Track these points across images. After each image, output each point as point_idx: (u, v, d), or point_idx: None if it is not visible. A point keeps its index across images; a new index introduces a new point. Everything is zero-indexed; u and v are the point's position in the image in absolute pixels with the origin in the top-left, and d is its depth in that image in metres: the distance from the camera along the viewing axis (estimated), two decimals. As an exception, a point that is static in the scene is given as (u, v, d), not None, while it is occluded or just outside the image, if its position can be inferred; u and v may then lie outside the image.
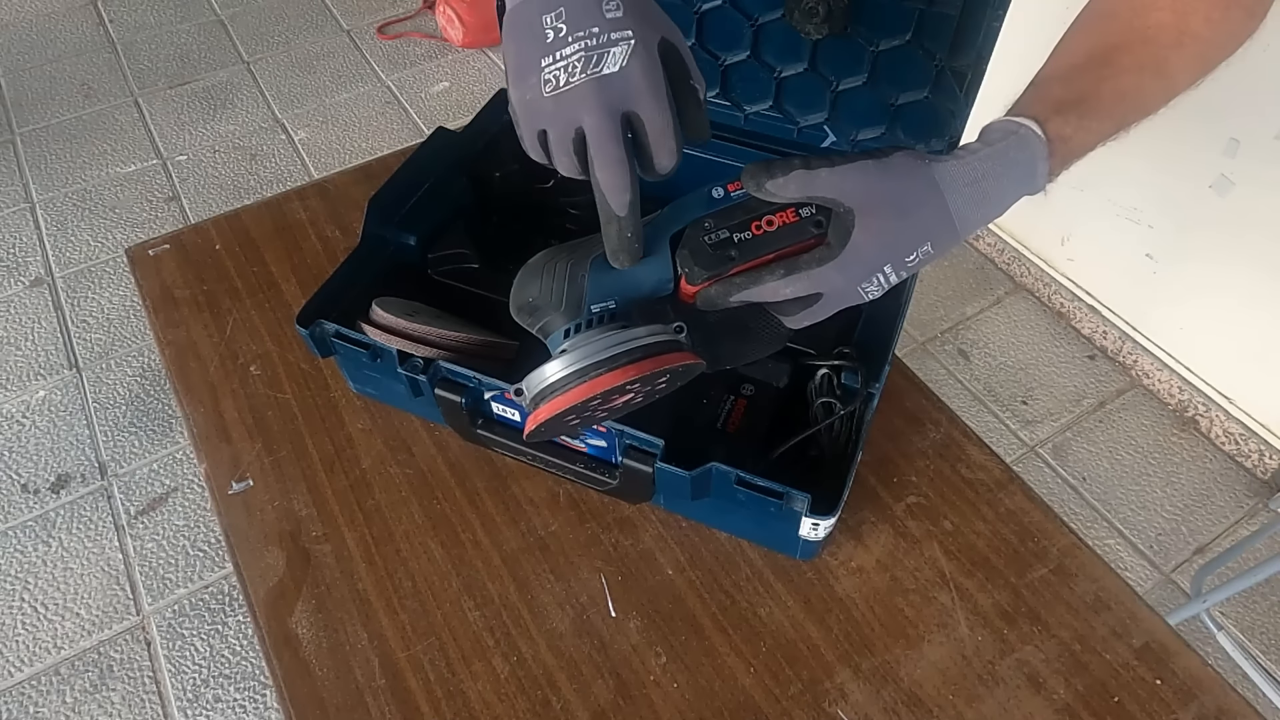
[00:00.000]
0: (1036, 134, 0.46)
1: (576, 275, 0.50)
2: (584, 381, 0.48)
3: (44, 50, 2.56)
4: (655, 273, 0.51)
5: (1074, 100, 0.48)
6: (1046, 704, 0.59)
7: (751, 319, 0.52)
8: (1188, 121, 1.44)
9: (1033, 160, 0.46)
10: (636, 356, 0.48)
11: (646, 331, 0.49)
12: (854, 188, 0.45)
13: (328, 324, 0.65)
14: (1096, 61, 0.49)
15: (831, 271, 0.46)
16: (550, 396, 0.49)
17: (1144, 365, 1.73)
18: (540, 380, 0.49)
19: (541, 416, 0.49)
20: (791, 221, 0.49)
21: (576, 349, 0.49)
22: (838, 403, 0.65)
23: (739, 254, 0.49)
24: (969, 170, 0.46)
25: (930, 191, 0.45)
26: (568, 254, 0.52)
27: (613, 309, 0.51)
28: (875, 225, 0.45)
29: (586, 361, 0.48)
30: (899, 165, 0.45)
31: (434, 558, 0.66)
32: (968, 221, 0.46)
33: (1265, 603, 1.45)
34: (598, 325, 0.50)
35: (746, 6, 0.70)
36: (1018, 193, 0.47)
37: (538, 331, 0.52)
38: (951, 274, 1.97)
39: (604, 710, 0.59)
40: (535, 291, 0.51)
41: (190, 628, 1.42)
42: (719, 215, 0.50)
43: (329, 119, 2.36)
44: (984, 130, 0.48)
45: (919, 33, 0.66)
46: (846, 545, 0.66)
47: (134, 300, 1.89)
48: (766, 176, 0.45)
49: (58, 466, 1.62)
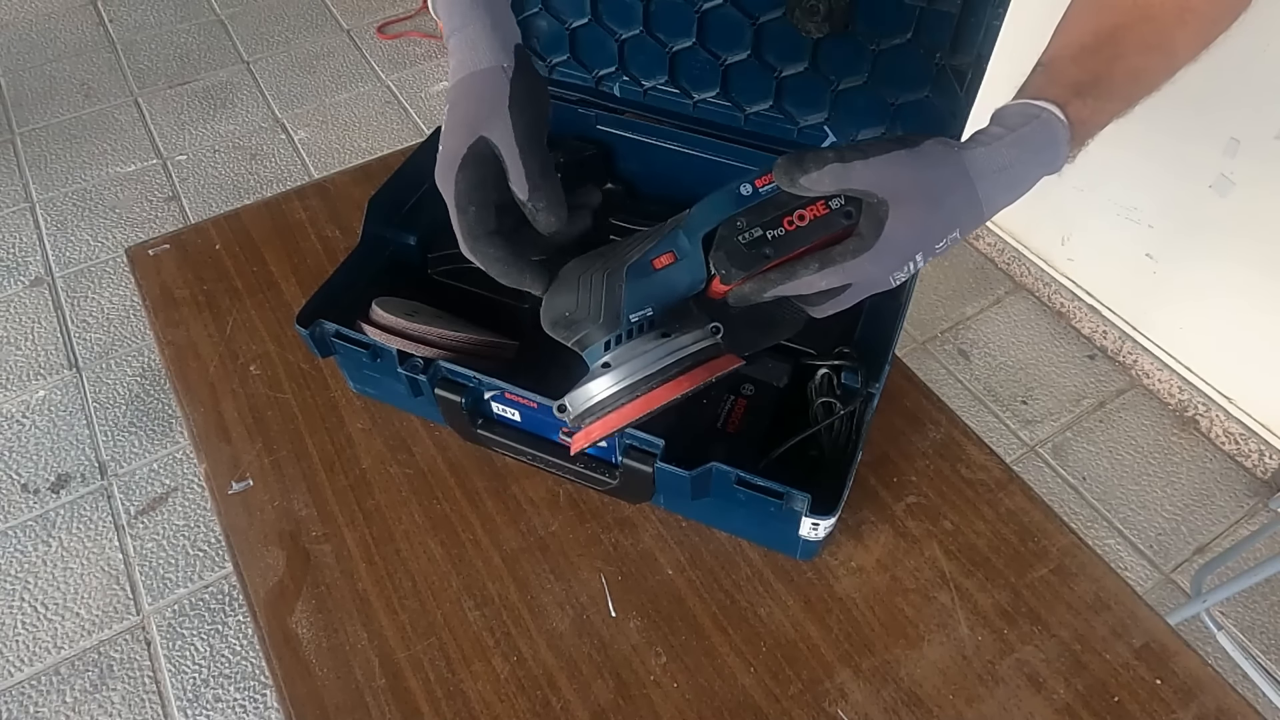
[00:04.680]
0: (1059, 118, 0.46)
1: (614, 285, 0.49)
2: (636, 397, 0.47)
3: (44, 50, 2.56)
4: (690, 274, 0.50)
5: (1089, 81, 0.48)
6: (1046, 704, 0.59)
7: (772, 307, 0.51)
8: (1188, 121, 1.44)
9: (1056, 144, 0.46)
10: (687, 366, 0.48)
11: (692, 339, 0.48)
12: (889, 179, 0.45)
13: (328, 324, 0.65)
14: (1105, 41, 0.49)
15: (866, 263, 0.46)
16: (601, 413, 0.48)
17: (1144, 365, 1.73)
18: (587, 398, 0.49)
19: (596, 434, 0.48)
20: (822, 214, 0.48)
21: (623, 363, 0.48)
22: (838, 403, 0.65)
23: (773, 251, 0.48)
24: (997, 157, 0.46)
25: (961, 179, 0.45)
26: (601, 263, 0.51)
27: (650, 316, 0.50)
28: (909, 215, 0.45)
29: (638, 376, 0.47)
30: (932, 154, 0.45)
31: (434, 558, 0.66)
32: (994, 206, 0.47)
33: (1265, 603, 1.45)
34: (638, 335, 0.49)
35: (747, 6, 0.70)
36: (1039, 175, 0.47)
37: (574, 345, 0.51)
38: (951, 274, 1.97)
39: (604, 710, 0.59)
40: (571, 304, 0.50)
41: (190, 628, 1.42)
42: (750, 213, 0.49)
43: (329, 119, 2.36)
44: (1000, 114, 0.48)
45: (919, 31, 0.66)
46: (846, 545, 0.66)
47: (134, 300, 1.89)
48: (800, 171, 0.45)
49: (58, 466, 1.62)
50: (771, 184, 0.49)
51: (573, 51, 0.80)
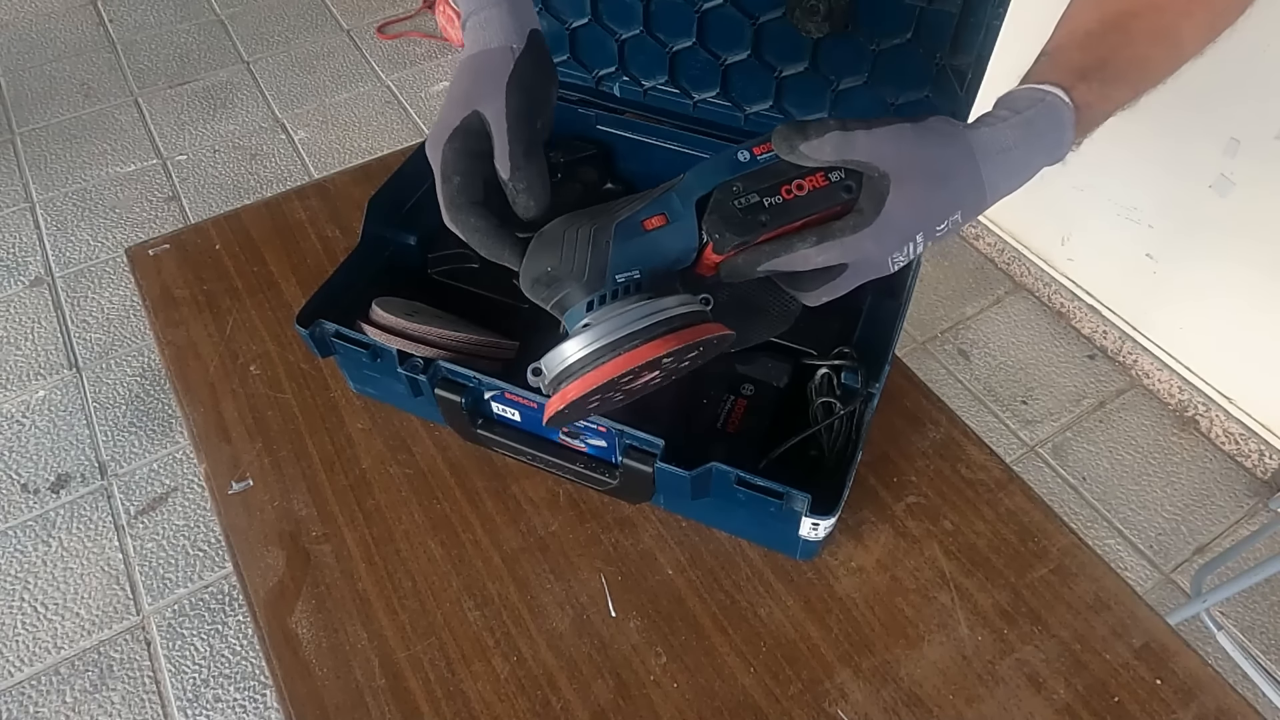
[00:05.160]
0: (1064, 101, 0.45)
1: (600, 241, 0.46)
2: (618, 355, 0.44)
3: (44, 50, 2.56)
4: (682, 239, 0.47)
5: (1095, 67, 0.47)
6: (1046, 704, 0.59)
7: (762, 296, 0.50)
8: (1188, 121, 1.44)
9: (1061, 129, 0.45)
10: (675, 326, 0.45)
11: (677, 301, 0.46)
12: (891, 152, 0.44)
13: (328, 324, 0.65)
14: (1110, 28, 0.48)
15: (866, 239, 0.44)
16: (578, 374, 0.45)
17: (1144, 365, 1.73)
18: (563, 358, 0.45)
19: (571, 395, 0.45)
20: (822, 186, 0.46)
21: (603, 321, 0.45)
22: (838, 403, 0.65)
23: (770, 219, 0.46)
24: (1001, 138, 0.45)
25: (965, 159, 0.44)
26: (589, 220, 0.48)
27: (638, 279, 0.47)
28: (911, 191, 0.44)
29: (619, 334, 0.44)
30: (936, 130, 0.44)
31: (434, 558, 0.66)
32: (997, 190, 0.45)
33: (1265, 603, 1.45)
34: (622, 297, 0.47)
35: (747, 6, 0.70)
36: (1043, 162, 0.46)
37: (553, 306, 0.48)
38: (951, 274, 1.97)
39: (604, 710, 0.59)
40: (554, 260, 0.47)
41: (190, 628, 1.42)
42: (748, 179, 0.47)
43: (329, 119, 2.36)
44: (1006, 98, 0.47)
45: (919, 31, 0.66)
46: (846, 545, 0.66)
47: (134, 300, 1.89)
48: (800, 138, 0.44)
49: (58, 466, 1.62)
50: (770, 152, 0.47)
51: (573, 51, 0.80)
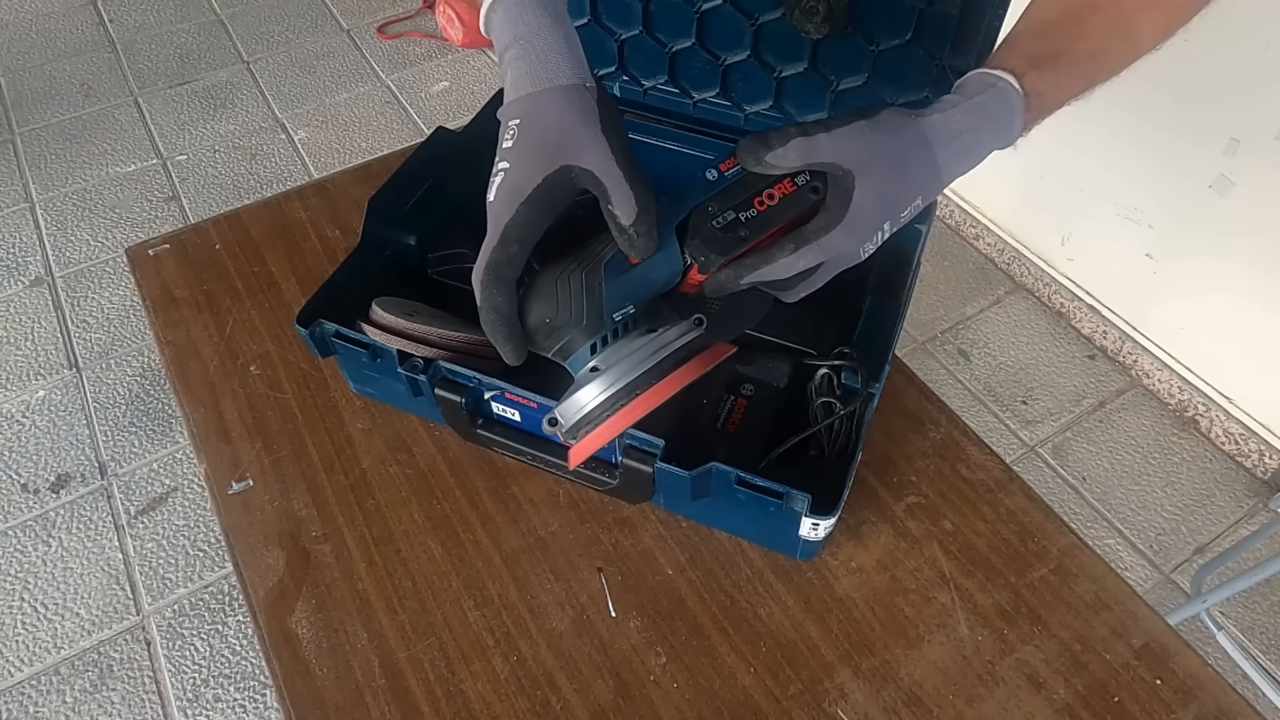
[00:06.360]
0: (1014, 87, 0.47)
1: (593, 285, 0.48)
2: (634, 397, 0.45)
3: (44, 50, 2.56)
4: (667, 267, 0.49)
5: (1048, 56, 0.49)
6: (1046, 704, 0.59)
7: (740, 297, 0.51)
8: (1188, 121, 1.44)
9: (1010, 113, 0.47)
10: (682, 357, 0.46)
11: (678, 332, 0.47)
12: (852, 150, 0.45)
13: (328, 324, 0.65)
14: (1069, 19, 0.50)
15: (839, 236, 0.46)
16: (597, 420, 0.46)
17: (1144, 365, 1.73)
18: (580, 406, 0.47)
19: (597, 444, 0.46)
20: (790, 192, 0.48)
21: (613, 365, 0.46)
22: (838, 403, 0.65)
23: (749, 232, 0.48)
24: (953, 123, 0.47)
25: (921, 147, 0.46)
26: (576, 265, 0.49)
27: (633, 313, 0.49)
28: (874, 184, 0.46)
29: (631, 375, 0.45)
30: (890, 123, 0.46)
31: (434, 558, 0.66)
32: (952, 173, 0.47)
33: (1265, 603, 1.45)
34: (623, 334, 0.48)
35: (747, 6, 0.70)
36: (993, 145, 0.48)
37: (556, 355, 0.50)
38: (951, 274, 1.97)
39: (604, 710, 0.59)
40: (552, 310, 0.48)
41: (190, 628, 1.42)
42: (720, 197, 0.48)
43: (329, 119, 2.36)
44: (961, 83, 0.49)
45: (919, 32, 0.66)
46: (846, 545, 0.66)
47: (134, 300, 1.89)
48: (765, 149, 0.45)
49: (58, 466, 1.62)
50: (736, 167, 0.49)
51: (573, 51, 0.80)
